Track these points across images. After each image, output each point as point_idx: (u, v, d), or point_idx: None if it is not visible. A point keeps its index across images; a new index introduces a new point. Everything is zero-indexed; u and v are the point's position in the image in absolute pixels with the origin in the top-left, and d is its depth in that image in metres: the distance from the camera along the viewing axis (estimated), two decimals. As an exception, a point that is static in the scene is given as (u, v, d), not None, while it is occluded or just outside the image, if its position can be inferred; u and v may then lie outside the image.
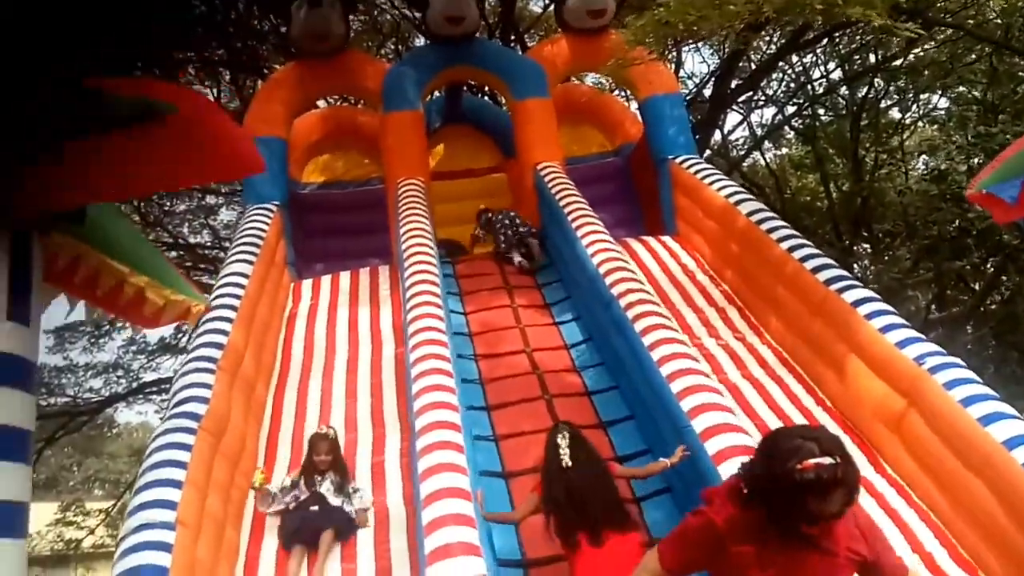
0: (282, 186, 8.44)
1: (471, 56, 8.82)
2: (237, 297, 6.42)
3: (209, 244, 16.29)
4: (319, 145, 9.85)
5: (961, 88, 15.63)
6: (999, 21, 12.00)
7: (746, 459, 2.29)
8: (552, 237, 7.72)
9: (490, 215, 8.37)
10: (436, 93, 10.20)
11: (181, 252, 15.71)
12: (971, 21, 12.89)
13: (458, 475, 4.24)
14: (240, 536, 4.93)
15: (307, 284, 7.84)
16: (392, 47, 14.82)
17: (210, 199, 15.93)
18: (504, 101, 9.78)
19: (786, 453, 2.11)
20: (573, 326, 6.88)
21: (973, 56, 14.56)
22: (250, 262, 7.01)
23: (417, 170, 8.21)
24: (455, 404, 4.84)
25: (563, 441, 4.35)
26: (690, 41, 13.29)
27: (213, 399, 5.20)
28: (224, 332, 5.93)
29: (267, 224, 7.76)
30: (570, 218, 7.07)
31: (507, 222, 8.07)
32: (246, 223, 7.83)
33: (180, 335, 15.42)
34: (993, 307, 14.22)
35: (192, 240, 16.27)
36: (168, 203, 15.06)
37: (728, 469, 4.19)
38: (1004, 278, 13.20)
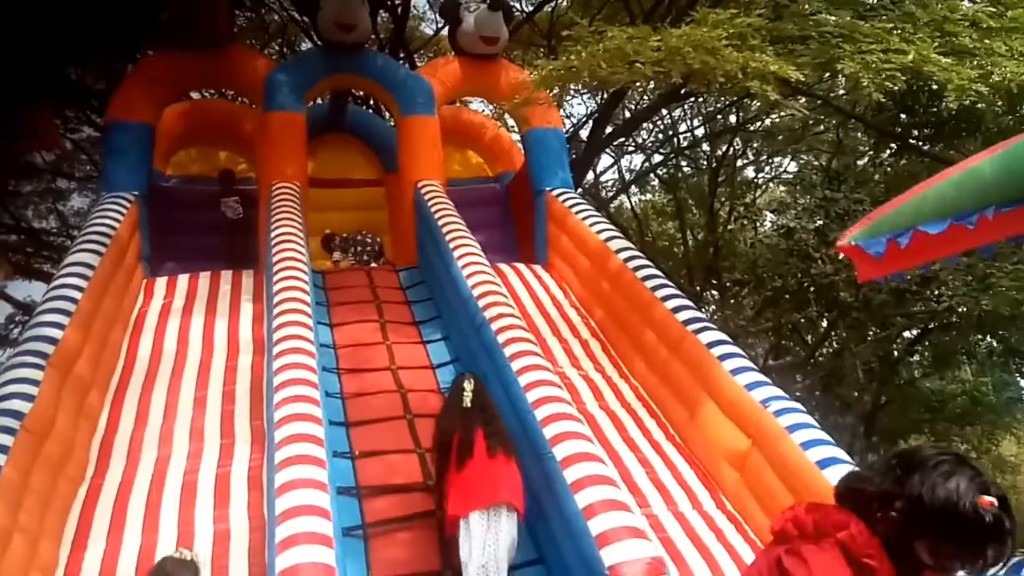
0: (143, 176, 7.95)
1: (361, 66, 8.69)
2: (78, 289, 6.02)
3: (55, 231, 15.10)
4: (189, 137, 9.39)
5: (809, 155, 17.08)
6: (846, 96, 13.17)
7: (867, 473, 1.88)
8: (428, 255, 7.70)
9: (339, 238, 8.63)
10: (320, 100, 10.01)
11: (22, 236, 14.47)
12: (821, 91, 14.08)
13: (318, 492, 4.10)
14: (60, 551, 4.53)
15: (161, 282, 7.41)
16: (277, 48, 14.41)
17: (61, 183, 14.81)
18: (391, 115, 9.70)
19: (970, 484, 1.70)
20: (441, 346, 6.84)
21: (822, 127, 15.94)
22: (97, 253, 6.59)
23: (294, 174, 7.96)
24: (319, 417, 4.68)
25: (468, 386, 4.91)
26: (596, 89, 13.81)
27: (39, 398, 4.83)
28: (59, 326, 5.55)
29: (121, 215, 7.29)
30: (447, 238, 7.07)
31: (358, 247, 8.44)
32: (98, 212, 7.35)
33: (13, 326, 14.20)
34: (822, 359, 15.43)
35: (37, 225, 15.03)
36: (12, 182, 13.83)
37: (585, 497, 4.29)
38: (834, 333, 14.35)
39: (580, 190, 14.81)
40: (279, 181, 7.79)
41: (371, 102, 12.33)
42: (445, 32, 11.23)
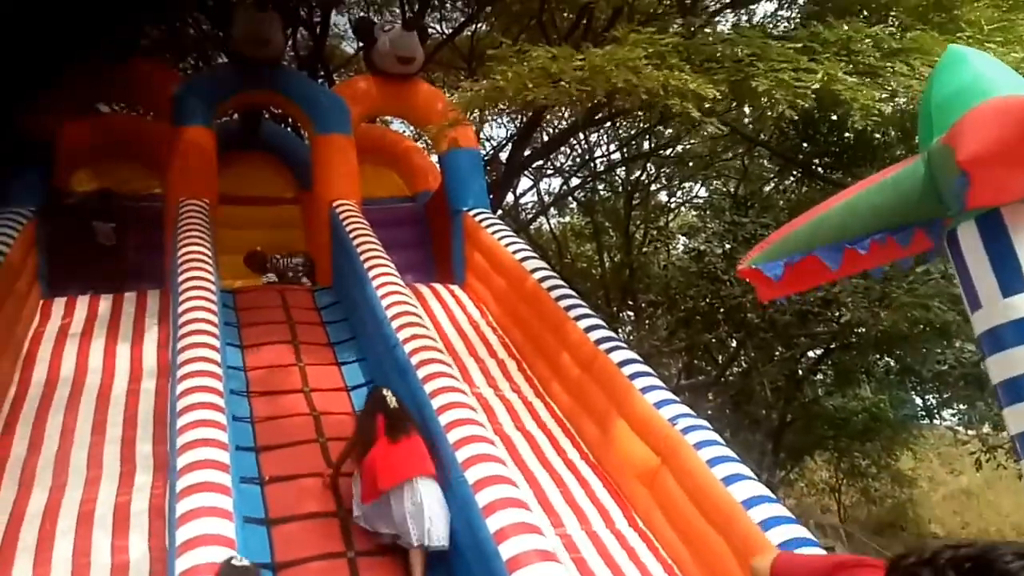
0: (40, 192, 7.60)
1: (274, 82, 8.55)
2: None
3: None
4: (93, 153, 9.00)
5: (718, 181, 17.71)
6: (751, 125, 13.74)
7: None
8: (343, 275, 7.59)
9: (273, 260, 8.37)
10: (235, 116, 9.80)
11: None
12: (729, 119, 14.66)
13: (222, 521, 3.96)
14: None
15: (60, 302, 7.08)
16: (192, 62, 14.04)
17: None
18: (306, 133, 9.57)
19: None
20: (355, 367, 6.75)
21: (730, 154, 16.57)
22: (-11, 271, 6.24)
23: (203, 190, 7.74)
24: (224, 442, 4.53)
25: (388, 392, 5.25)
26: (517, 110, 13.97)
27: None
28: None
29: (15, 232, 6.96)
30: (362, 258, 6.99)
31: (290, 271, 8.28)
32: (-10, 228, 6.96)
33: None
34: (732, 378, 15.90)
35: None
36: None
37: (496, 521, 4.28)
38: (743, 353, 14.82)
39: (500, 212, 14.97)
40: (187, 198, 7.57)
41: (289, 119, 12.13)
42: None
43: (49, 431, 5.56)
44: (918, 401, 17.99)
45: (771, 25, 11.03)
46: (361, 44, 11.65)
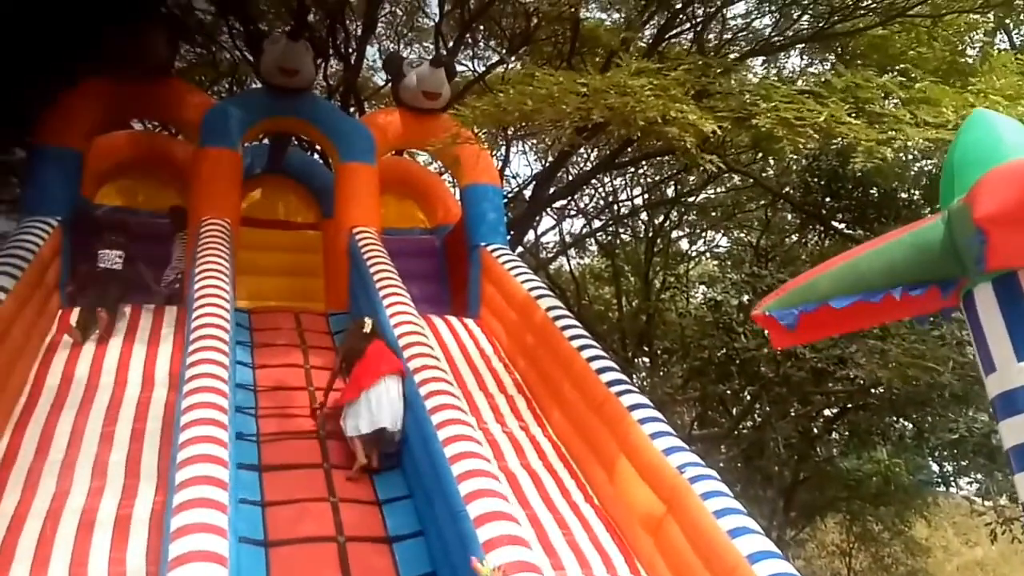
0: (68, 202, 7.74)
1: (302, 109, 8.71)
2: (-12, 313, 5.75)
3: (-27, 254, 14.41)
4: (122, 168, 9.18)
5: (740, 232, 17.69)
6: (776, 177, 13.78)
7: None
8: (358, 301, 7.62)
9: None
10: (264, 140, 9.96)
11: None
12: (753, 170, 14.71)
13: (216, 538, 3.92)
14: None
15: (77, 312, 7.12)
16: (226, 86, 14.36)
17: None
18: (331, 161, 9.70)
19: None
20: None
21: (752, 205, 16.57)
22: (13, 276, 6.36)
23: (226, 211, 7.85)
24: (225, 460, 4.52)
25: (368, 320, 6.42)
26: (522, 131, 14.12)
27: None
28: (-38, 349, 5.28)
29: (42, 240, 7.09)
30: (378, 286, 7.03)
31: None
32: (17, 235, 7.13)
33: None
34: (745, 431, 15.68)
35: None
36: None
37: (498, 557, 4.21)
38: (757, 406, 14.63)
39: (520, 249, 15.04)
40: (210, 217, 7.66)
41: (315, 147, 12.33)
42: (392, 85, 11.34)
43: (57, 436, 5.59)
44: (934, 468, 17.63)
45: (799, 79, 11.14)
46: (389, 78, 11.88)
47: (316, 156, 12.33)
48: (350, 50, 13.97)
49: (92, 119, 8.15)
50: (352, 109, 13.40)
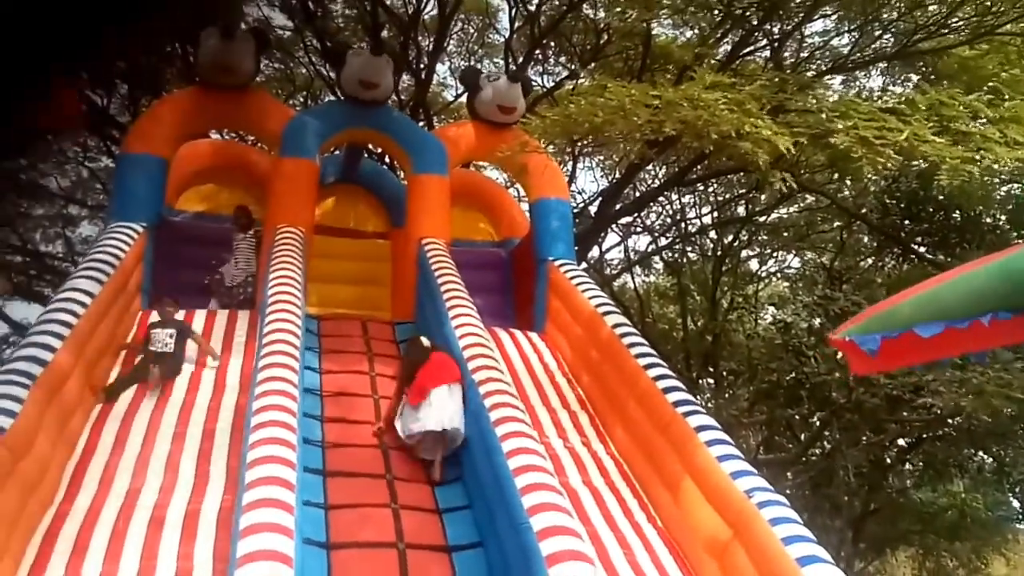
0: (153, 208, 8.04)
1: (378, 121, 8.86)
2: (74, 315, 6.05)
3: (60, 256, 15.20)
4: (203, 175, 9.51)
5: (812, 253, 17.25)
6: (852, 197, 13.40)
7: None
8: (424, 311, 7.69)
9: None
10: (337, 151, 10.18)
11: (27, 258, 14.56)
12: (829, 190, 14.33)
13: (282, 537, 3.99)
14: (17, 573, 4.40)
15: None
16: (301, 99, 14.79)
17: (73, 209, 14.98)
18: (403, 172, 9.86)
19: None
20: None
21: (827, 226, 16.15)
22: (99, 281, 6.63)
23: (300, 219, 8.03)
24: (293, 461, 4.60)
25: (425, 339, 6.49)
26: (589, 146, 14.08)
27: (20, 416, 4.80)
28: (50, 348, 5.56)
29: (128, 245, 7.37)
30: (445, 297, 7.08)
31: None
32: (105, 239, 7.42)
33: (5, 346, 14.23)
34: (814, 458, 15.22)
35: (43, 248, 15.15)
36: (24, 204, 14.02)
37: (560, 572, 4.17)
38: (827, 433, 14.20)
39: (585, 265, 14.98)
40: (285, 225, 7.86)
41: (386, 158, 12.55)
42: (464, 99, 11.49)
43: (132, 435, 5.79)
44: (1015, 503, 16.80)
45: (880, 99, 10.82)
46: (462, 91, 12.03)
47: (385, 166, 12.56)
48: (421, 65, 14.22)
49: (179, 128, 8.44)
50: (421, 123, 13.63)
